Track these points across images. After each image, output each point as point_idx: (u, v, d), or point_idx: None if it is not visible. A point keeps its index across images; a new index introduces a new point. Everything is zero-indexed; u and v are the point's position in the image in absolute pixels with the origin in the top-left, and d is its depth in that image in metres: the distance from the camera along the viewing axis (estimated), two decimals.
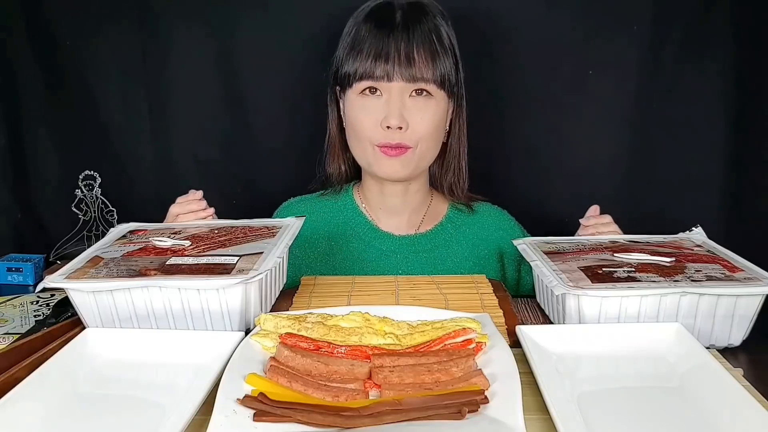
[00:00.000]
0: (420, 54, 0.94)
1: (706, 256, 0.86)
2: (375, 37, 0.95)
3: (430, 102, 0.97)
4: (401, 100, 0.96)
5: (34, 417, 0.60)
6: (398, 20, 0.96)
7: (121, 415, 0.62)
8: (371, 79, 0.96)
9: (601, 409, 0.62)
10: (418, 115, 0.97)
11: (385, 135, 0.97)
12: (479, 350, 0.69)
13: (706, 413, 0.60)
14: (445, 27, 0.99)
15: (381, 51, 0.94)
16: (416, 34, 0.94)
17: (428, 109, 0.97)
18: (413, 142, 0.98)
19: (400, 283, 0.94)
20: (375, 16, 0.97)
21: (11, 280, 1.14)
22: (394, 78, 0.94)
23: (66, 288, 0.77)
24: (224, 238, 0.89)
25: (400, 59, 0.93)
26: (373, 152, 1.00)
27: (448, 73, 0.97)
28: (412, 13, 0.97)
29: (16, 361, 0.72)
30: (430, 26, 0.96)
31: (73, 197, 1.33)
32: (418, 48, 0.94)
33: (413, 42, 0.94)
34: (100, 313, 0.78)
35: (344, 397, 0.62)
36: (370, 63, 0.95)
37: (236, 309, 0.77)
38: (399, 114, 0.95)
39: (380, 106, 0.96)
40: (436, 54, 0.95)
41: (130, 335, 0.75)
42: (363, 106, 0.98)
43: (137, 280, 0.76)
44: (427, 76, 0.95)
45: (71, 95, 1.33)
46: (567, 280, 0.78)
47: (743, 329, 0.78)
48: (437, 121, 0.99)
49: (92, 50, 1.30)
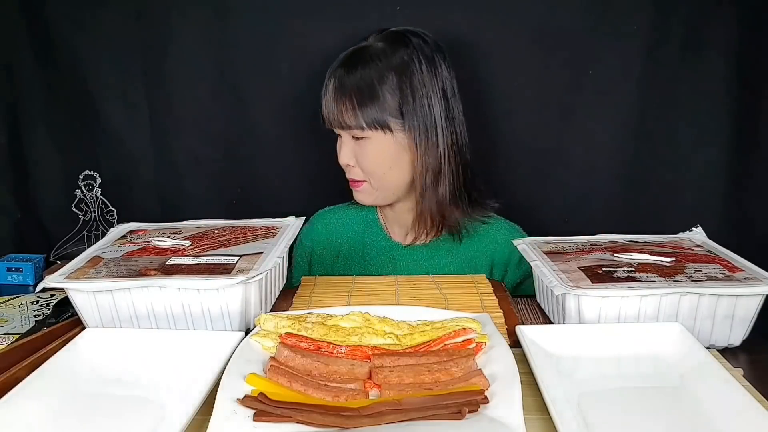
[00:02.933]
0: (344, 102, 1.04)
1: (706, 256, 0.86)
2: (325, 90, 1.07)
3: (368, 143, 1.06)
4: (348, 143, 1.08)
5: (34, 417, 0.60)
6: (335, 72, 1.06)
7: (121, 415, 0.62)
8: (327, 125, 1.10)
9: (601, 409, 0.62)
10: (361, 156, 1.08)
11: (346, 170, 1.11)
12: (479, 350, 0.69)
13: (706, 413, 0.60)
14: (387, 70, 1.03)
15: (324, 108, 1.08)
16: (343, 82, 1.05)
17: (367, 150, 1.07)
18: (365, 176, 1.09)
19: (400, 283, 0.94)
20: (330, 69, 1.08)
21: (11, 280, 1.14)
22: (335, 125, 1.08)
23: (66, 288, 0.77)
24: (224, 238, 0.89)
25: (332, 115, 1.06)
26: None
27: (377, 117, 1.04)
28: (349, 61, 1.06)
29: (16, 361, 0.72)
30: (361, 73, 1.04)
31: (73, 197, 1.33)
32: (342, 98, 1.05)
33: (339, 92, 1.05)
34: (100, 313, 0.78)
35: (344, 397, 0.62)
36: (323, 111, 1.08)
37: (236, 309, 0.77)
38: (344, 155, 1.08)
39: (340, 148, 1.10)
40: (360, 100, 1.03)
41: (130, 335, 0.75)
42: (337, 145, 1.12)
43: (137, 280, 0.76)
44: (351, 123, 1.05)
45: (71, 95, 1.33)
46: (567, 280, 0.78)
47: (743, 329, 0.78)
48: (378, 157, 1.07)
49: (92, 50, 1.30)
